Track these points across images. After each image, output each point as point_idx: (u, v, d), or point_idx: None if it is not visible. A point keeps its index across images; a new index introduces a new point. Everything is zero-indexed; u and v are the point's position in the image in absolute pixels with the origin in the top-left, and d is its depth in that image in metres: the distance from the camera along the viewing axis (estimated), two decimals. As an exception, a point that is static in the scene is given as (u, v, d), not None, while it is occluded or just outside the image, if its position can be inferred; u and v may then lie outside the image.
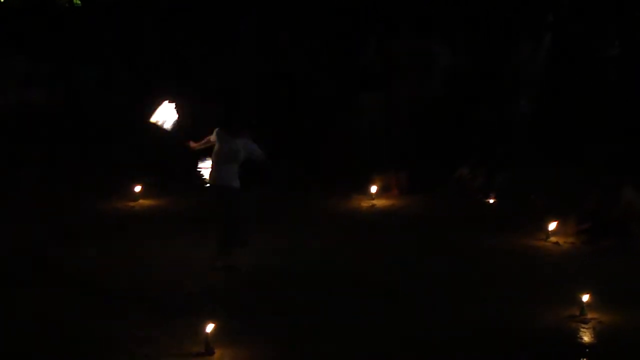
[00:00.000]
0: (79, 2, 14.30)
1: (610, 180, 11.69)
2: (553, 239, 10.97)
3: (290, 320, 8.46)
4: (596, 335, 8.33)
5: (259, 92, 14.53)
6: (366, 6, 15.17)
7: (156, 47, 14.90)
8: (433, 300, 9.04)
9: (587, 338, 8.28)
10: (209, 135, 9.60)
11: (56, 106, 13.66)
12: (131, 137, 13.81)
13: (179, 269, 9.71)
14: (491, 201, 12.56)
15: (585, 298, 8.68)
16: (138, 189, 12.24)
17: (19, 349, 7.71)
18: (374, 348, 7.90)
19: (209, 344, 7.69)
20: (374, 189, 12.56)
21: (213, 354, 7.67)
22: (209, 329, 7.71)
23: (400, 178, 13.13)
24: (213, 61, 14.87)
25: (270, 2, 15.17)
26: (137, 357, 7.66)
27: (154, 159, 13.40)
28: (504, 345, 8.04)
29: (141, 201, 12.19)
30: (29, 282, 9.23)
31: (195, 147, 9.84)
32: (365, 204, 12.44)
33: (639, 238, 10.83)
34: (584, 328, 8.45)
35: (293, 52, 14.93)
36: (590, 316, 8.60)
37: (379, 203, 12.47)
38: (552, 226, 11.03)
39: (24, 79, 13.35)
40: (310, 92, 14.64)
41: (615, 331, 8.41)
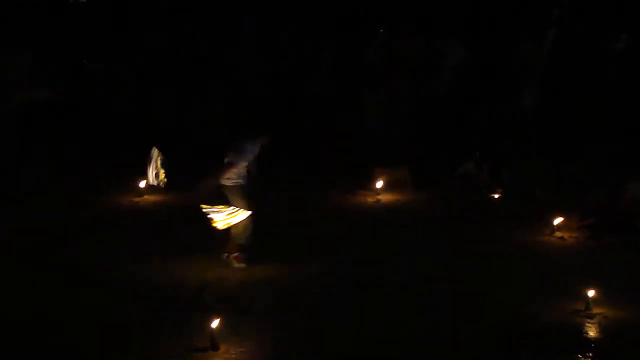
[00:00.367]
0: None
1: (615, 175, 11.68)
2: (558, 234, 10.96)
3: (295, 316, 8.46)
4: (602, 330, 8.32)
5: (260, 91, 14.50)
6: (369, 4, 15.17)
7: (159, 44, 14.89)
8: (437, 294, 9.04)
9: (592, 333, 8.28)
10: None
11: (61, 102, 13.64)
12: (135, 132, 13.81)
13: (184, 264, 9.72)
14: (496, 196, 12.54)
15: (591, 293, 8.68)
16: (143, 184, 12.24)
17: (19, 348, 7.73)
18: (378, 344, 7.92)
19: (214, 339, 7.71)
20: (379, 185, 12.56)
21: (218, 349, 7.68)
22: (215, 324, 7.73)
23: (404, 174, 13.13)
24: (216, 60, 14.84)
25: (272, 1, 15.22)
26: (141, 352, 7.68)
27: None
28: (508, 340, 8.04)
29: (146, 197, 12.19)
30: (30, 279, 9.24)
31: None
32: (370, 200, 12.43)
33: (644, 233, 10.82)
34: (589, 323, 8.45)
35: (294, 51, 14.90)
36: (595, 311, 8.60)
37: (384, 199, 12.46)
38: (557, 221, 11.03)
39: (29, 77, 13.32)
40: (311, 91, 14.62)
41: (620, 326, 8.40)
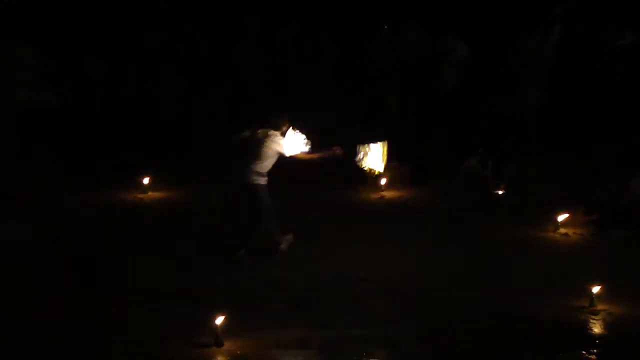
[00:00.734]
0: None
1: (618, 171, 11.65)
2: (562, 231, 10.94)
3: (299, 313, 8.47)
4: (606, 326, 8.32)
5: (265, 87, 14.48)
6: (373, 2, 15.14)
7: (162, 40, 14.86)
8: (442, 290, 9.04)
9: (597, 329, 8.27)
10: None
11: (61, 103, 13.62)
12: (139, 129, 13.81)
13: (189, 260, 9.72)
14: (500, 192, 12.52)
15: (595, 289, 8.67)
16: (146, 180, 12.24)
17: (19, 348, 7.74)
18: (384, 339, 7.92)
19: (218, 336, 7.71)
20: (383, 181, 12.54)
21: (222, 346, 7.69)
22: (219, 321, 7.73)
23: (408, 170, 13.12)
24: (219, 56, 14.82)
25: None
26: (145, 348, 7.69)
27: (162, 150, 13.39)
28: (513, 337, 8.05)
29: (150, 193, 12.19)
30: (31, 277, 9.23)
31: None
32: (374, 196, 12.41)
33: (648, 229, 10.81)
34: (593, 319, 8.44)
35: (296, 48, 14.86)
36: (600, 307, 8.60)
37: (388, 195, 12.44)
38: (561, 218, 11.01)
39: (32, 74, 13.29)
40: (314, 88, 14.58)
41: (625, 323, 8.40)
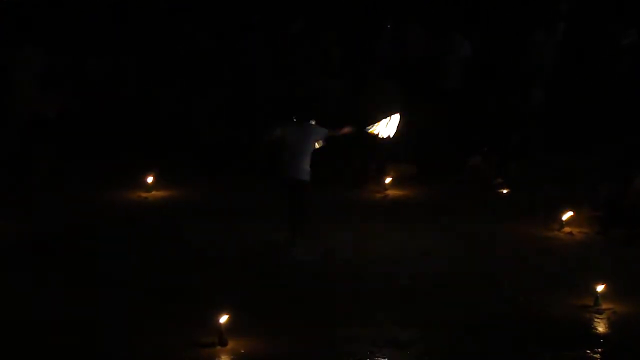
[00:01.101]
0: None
1: (623, 170, 11.63)
2: (566, 229, 10.92)
3: (304, 311, 8.47)
4: (611, 325, 8.31)
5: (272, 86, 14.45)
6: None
7: (165, 39, 14.85)
8: (446, 288, 9.05)
9: (601, 328, 8.26)
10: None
11: (68, 99, 13.61)
12: (139, 129, 13.80)
13: (193, 259, 9.73)
14: (504, 191, 12.51)
15: (600, 288, 8.65)
16: (151, 179, 12.23)
17: (19, 348, 7.72)
18: (388, 338, 7.92)
19: (222, 335, 7.71)
20: (387, 180, 12.53)
21: (226, 345, 7.69)
22: (223, 320, 7.73)
23: (412, 168, 13.10)
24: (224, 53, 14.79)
25: None
26: (149, 347, 7.69)
27: (162, 150, 13.38)
28: (517, 335, 8.04)
29: (154, 192, 12.18)
30: (35, 275, 9.23)
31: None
32: (378, 195, 12.40)
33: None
34: (598, 318, 8.43)
35: (302, 46, 14.83)
36: (604, 306, 8.58)
37: (392, 193, 12.43)
38: (565, 216, 10.99)
39: (33, 73, 13.27)
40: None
41: (630, 322, 8.39)
